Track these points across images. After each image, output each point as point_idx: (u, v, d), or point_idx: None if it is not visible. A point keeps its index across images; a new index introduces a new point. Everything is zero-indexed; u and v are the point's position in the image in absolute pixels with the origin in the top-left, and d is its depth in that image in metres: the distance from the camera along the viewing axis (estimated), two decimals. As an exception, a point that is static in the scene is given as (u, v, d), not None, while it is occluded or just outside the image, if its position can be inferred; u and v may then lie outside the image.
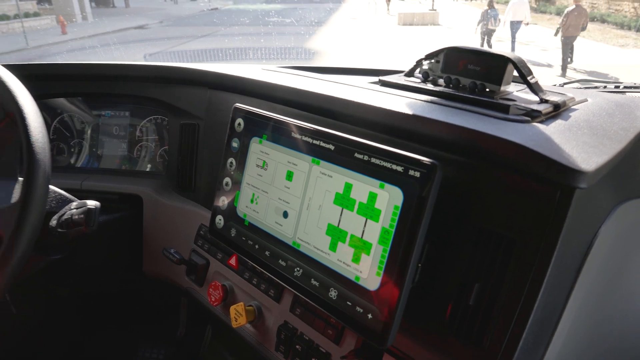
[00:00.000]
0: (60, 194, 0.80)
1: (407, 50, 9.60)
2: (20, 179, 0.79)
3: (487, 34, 9.27)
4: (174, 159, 1.05)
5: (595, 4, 14.05)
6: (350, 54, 9.53)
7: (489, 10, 9.13)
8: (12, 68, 0.78)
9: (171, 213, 1.03)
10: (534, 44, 10.57)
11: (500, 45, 9.62)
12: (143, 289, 1.28)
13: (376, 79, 0.86)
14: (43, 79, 1.11)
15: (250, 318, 0.79)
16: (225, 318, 0.87)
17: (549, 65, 8.13)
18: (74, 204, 0.75)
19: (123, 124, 1.16)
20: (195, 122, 1.00)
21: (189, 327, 1.25)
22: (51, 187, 0.79)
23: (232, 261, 0.87)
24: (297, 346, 0.74)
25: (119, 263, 1.14)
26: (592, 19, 12.85)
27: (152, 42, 10.30)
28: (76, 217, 0.71)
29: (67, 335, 1.27)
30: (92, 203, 0.73)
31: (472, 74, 0.70)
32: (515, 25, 8.95)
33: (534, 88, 0.67)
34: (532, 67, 0.67)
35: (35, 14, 15.31)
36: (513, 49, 9.12)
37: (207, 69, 0.98)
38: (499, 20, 9.11)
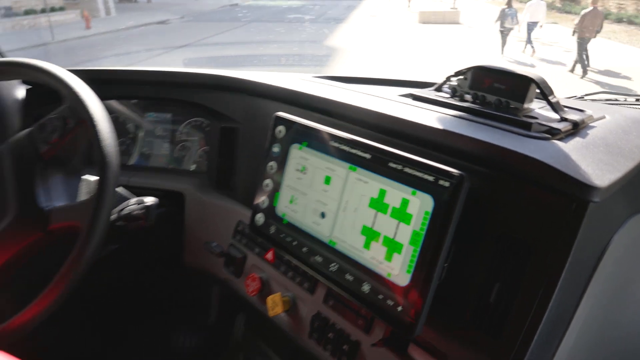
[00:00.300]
0: (118, 192, 0.89)
1: (430, 51, 9.59)
2: (84, 177, 0.89)
3: (504, 32, 9.26)
4: (213, 160, 1.13)
5: (622, 4, 13.70)
6: (373, 54, 9.59)
7: (506, 9, 9.10)
8: (76, 73, 0.86)
9: (211, 210, 1.11)
10: (557, 45, 10.42)
11: (520, 46, 9.56)
12: (177, 279, 1.37)
13: (406, 90, 0.93)
14: (101, 82, 1.20)
15: (285, 307, 0.87)
16: (260, 307, 0.95)
17: (563, 64, 8.21)
18: (132, 200, 0.84)
19: (167, 126, 1.24)
20: (234, 126, 1.08)
21: (220, 315, 1.34)
22: None
23: (269, 255, 0.94)
24: (329, 334, 0.81)
25: (162, 254, 1.23)
26: (619, 20, 12.57)
27: (191, 47, 10.91)
28: (136, 212, 0.80)
29: (101, 322, 1.35)
30: (150, 199, 0.82)
31: (498, 91, 0.76)
32: (531, 26, 9.03)
33: (555, 107, 0.72)
34: (551, 67, 0.72)
35: (61, 9, 15.69)
36: (532, 48, 9.13)
37: (247, 78, 1.05)
38: (517, 19, 9.10)
